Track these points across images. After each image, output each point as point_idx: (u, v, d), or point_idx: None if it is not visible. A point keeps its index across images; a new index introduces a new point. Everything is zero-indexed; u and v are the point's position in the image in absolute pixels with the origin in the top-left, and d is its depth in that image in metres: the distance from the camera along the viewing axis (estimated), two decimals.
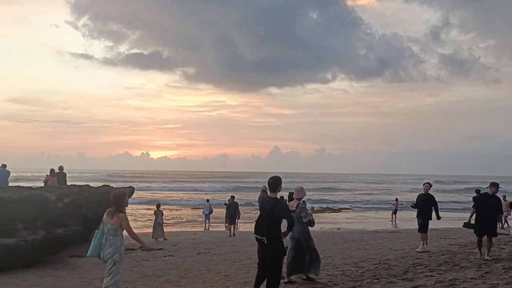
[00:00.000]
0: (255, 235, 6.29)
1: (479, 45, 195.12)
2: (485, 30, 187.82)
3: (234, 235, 19.34)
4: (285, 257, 7.33)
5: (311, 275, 7.97)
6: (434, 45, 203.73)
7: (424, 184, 12.25)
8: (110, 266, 5.93)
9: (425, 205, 11.79)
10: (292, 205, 7.91)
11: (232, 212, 19.97)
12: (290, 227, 6.37)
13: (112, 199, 6.09)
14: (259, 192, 13.47)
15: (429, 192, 12.05)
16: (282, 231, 6.35)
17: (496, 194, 9.90)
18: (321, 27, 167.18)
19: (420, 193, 12.26)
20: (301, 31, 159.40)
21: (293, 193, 8.19)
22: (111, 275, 5.93)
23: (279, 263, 6.23)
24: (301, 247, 7.86)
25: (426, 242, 11.79)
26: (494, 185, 9.85)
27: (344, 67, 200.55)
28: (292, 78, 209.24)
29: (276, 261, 6.16)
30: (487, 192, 10.04)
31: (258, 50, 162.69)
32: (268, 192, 6.44)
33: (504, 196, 20.17)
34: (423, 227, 11.79)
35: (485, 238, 9.75)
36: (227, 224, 20.35)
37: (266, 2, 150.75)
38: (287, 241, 7.73)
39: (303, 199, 8.11)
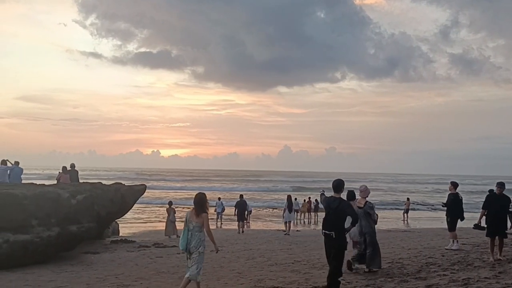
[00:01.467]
0: (323, 230, 7.12)
1: (489, 44, 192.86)
2: (494, 30, 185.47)
3: (243, 232, 19.89)
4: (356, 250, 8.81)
5: (374, 269, 8.67)
6: (444, 44, 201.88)
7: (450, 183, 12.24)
8: (196, 256, 6.97)
9: (452, 204, 11.83)
10: (360, 202, 8.86)
11: (241, 210, 20.82)
12: (354, 223, 7.17)
13: (196, 201, 7.07)
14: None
15: (457, 191, 12.03)
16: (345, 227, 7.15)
17: (504, 193, 9.82)
18: (330, 26, 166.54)
19: (450, 192, 12.20)
20: (310, 30, 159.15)
21: (352, 191, 9.22)
22: (197, 264, 6.99)
23: (342, 254, 7.05)
24: (365, 240, 8.80)
25: (457, 241, 11.78)
26: (500, 185, 9.79)
27: (354, 67, 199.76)
28: (301, 77, 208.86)
29: (339, 252, 6.99)
30: (495, 193, 9.95)
31: (267, 49, 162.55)
32: (333, 193, 7.23)
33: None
34: (451, 225, 11.82)
35: (497, 238, 9.69)
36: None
37: (274, 1, 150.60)
38: (356, 236, 8.87)
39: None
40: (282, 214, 21.02)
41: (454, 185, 12.00)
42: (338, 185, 7.12)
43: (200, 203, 6.99)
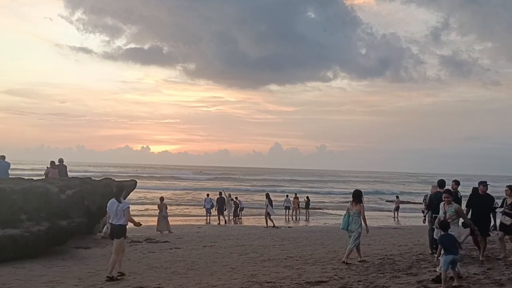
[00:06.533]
0: (433, 214, 9.71)
1: (477, 47, 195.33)
2: (483, 33, 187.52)
3: (224, 224, 22.40)
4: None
5: None
6: (433, 46, 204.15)
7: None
8: (355, 235, 9.47)
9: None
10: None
11: (220, 205, 23.52)
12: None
13: (354, 195, 9.75)
14: None
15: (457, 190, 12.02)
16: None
17: (487, 192, 9.93)
18: (322, 25, 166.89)
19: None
20: (302, 29, 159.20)
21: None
22: (356, 241, 9.49)
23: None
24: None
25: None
26: (483, 184, 9.89)
27: (346, 66, 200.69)
28: (293, 75, 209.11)
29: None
30: (478, 192, 10.04)
31: (259, 47, 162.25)
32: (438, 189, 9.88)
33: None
34: None
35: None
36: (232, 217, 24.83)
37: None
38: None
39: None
40: (266, 211, 21.98)
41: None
42: (442, 183, 9.98)
43: (357, 196, 9.66)
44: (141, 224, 9.16)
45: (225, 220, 23.36)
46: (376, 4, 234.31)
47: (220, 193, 24.57)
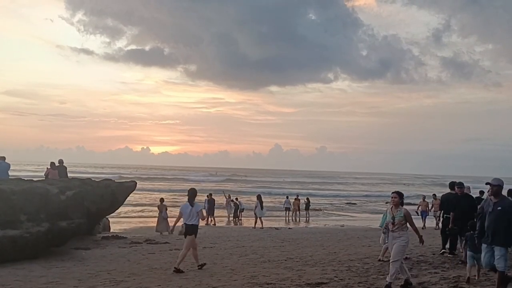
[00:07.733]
0: (445, 214, 10.67)
1: (478, 48, 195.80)
2: (484, 34, 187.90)
3: (214, 224, 23.03)
4: None
5: None
6: (434, 48, 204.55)
7: None
8: None
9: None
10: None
11: (210, 206, 24.04)
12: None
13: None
14: None
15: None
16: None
17: (467, 193, 9.88)
18: (323, 27, 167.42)
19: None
20: (303, 30, 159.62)
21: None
22: None
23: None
24: None
25: None
26: (460, 185, 9.98)
27: (346, 68, 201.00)
28: (294, 77, 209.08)
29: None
30: (456, 193, 9.99)
31: (260, 48, 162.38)
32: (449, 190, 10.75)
33: (435, 195, 22.62)
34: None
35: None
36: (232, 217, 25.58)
37: (267, 1, 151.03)
38: None
39: None
40: (254, 212, 23.00)
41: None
42: (453, 185, 10.42)
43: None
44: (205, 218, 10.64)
45: (210, 221, 23.63)
46: (377, 5, 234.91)
47: (210, 195, 24.93)
